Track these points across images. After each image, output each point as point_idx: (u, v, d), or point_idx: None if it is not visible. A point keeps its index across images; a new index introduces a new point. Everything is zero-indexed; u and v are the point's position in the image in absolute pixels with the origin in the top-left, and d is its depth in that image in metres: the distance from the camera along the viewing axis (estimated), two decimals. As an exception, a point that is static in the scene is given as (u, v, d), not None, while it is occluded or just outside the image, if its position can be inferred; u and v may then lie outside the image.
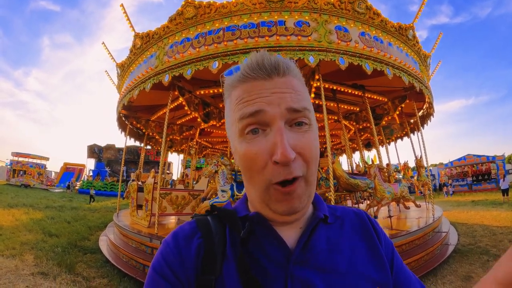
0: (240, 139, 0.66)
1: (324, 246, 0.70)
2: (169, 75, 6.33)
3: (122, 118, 10.50)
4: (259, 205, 0.69)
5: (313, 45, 5.68)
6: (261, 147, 0.62)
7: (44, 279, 5.39)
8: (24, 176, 37.18)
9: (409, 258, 5.50)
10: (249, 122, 0.63)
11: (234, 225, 0.70)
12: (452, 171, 32.64)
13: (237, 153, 0.68)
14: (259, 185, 0.64)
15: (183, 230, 0.72)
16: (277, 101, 0.62)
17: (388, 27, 6.75)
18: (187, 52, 6.12)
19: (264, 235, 0.69)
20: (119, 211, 10.40)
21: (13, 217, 11.86)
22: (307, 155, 0.63)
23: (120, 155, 40.62)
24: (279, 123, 0.62)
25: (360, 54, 6.05)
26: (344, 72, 6.99)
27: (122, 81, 9.00)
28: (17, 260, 6.27)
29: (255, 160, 0.62)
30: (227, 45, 5.74)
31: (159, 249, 0.70)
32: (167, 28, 6.62)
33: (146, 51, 7.33)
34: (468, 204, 17.99)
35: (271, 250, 0.67)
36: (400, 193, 7.22)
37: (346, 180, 6.70)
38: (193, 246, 0.68)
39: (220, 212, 0.75)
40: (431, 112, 10.46)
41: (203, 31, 6.08)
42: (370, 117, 7.83)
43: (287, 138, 0.60)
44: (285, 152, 0.58)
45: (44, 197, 22.96)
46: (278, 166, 0.60)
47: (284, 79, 0.66)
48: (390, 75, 6.47)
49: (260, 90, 0.64)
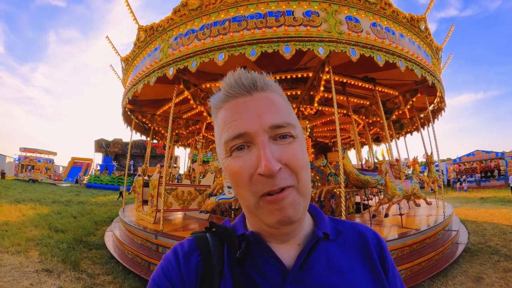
0: (227, 158, 0.66)
1: (324, 266, 0.69)
2: (174, 68, 6.19)
3: (127, 112, 10.42)
4: (254, 221, 0.71)
5: (323, 36, 5.46)
6: (246, 162, 0.63)
7: (49, 276, 5.33)
8: (32, 171, 37.43)
9: (420, 257, 5.39)
10: (235, 143, 0.64)
11: (232, 244, 0.71)
12: (460, 167, 32.35)
13: (226, 171, 0.69)
14: (249, 199, 0.65)
15: (183, 247, 0.73)
16: (258, 119, 0.63)
17: (400, 18, 6.53)
18: (192, 44, 5.95)
19: (260, 254, 0.69)
20: (125, 206, 10.34)
21: (20, 212, 11.85)
22: (293, 165, 0.63)
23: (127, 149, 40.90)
24: (262, 138, 0.62)
25: (372, 46, 5.81)
26: (354, 64, 6.77)
27: (127, 75, 8.89)
28: (22, 257, 6.22)
29: (241, 174, 0.63)
30: (233, 36, 5.55)
31: (159, 264, 0.72)
32: (171, 20, 6.47)
33: (150, 44, 7.20)
34: (477, 201, 17.81)
35: (268, 270, 0.67)
36: (412, 190, 6.99)
37: (356, 176, 6.50)
38: (191, 263, 0.69)
39: (218, 230, 0.76)
40: (442, 107, 10.24)
41: (208, 23, 5.91)
42: (381, 111, 7.58)
43: (271, 151, 0.61)
44: (268, 164, 0.59)
45: (52, 192, 23.03)
46: (263, 178, 0.61)
47: (263, 94, 0.67)
48: (402, 67, 6.24)
49: (242, 109, 0.65)
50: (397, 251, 5.27)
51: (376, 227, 6.66)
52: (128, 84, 8.53)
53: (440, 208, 8.85)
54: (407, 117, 11.84)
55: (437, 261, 5.78)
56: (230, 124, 0.65)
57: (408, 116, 11.71)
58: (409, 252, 5.48)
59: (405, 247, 5.44)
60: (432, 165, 10.33)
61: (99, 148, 41.96)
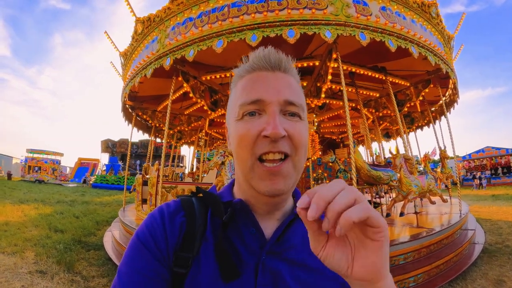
0: (237, 121, 0.70)
1: (299, 241, 0.74)
2: (171, 58, 5.88)
3: (127, 109, 10.20)
4: (244, 185, 0.74)
5: (330, 19, 5.09)
6: (254, 125, 0.67)
7: (42, 278, 5.14)
8: (39, 172, 37.60)
9: (438, 260, 5.00)
10: (249, 108, 0.69)
11: (217, 209, 0.75)
12: (470, 163, 31.91)
13: (232, 134, 0.73)
14: (246, 161, 0.68)
15: (169, 207, 0.76)
16: (276, 92, 0.68)
17: (410, 2, 6.20)
18: (190, 33, 5.64)
19: (244, 222, 0.74)
20: (125, 206, 10.08)
21: (22, 213, 11.68)
22: (296, 139, 0.67)
23: (134, 149, 41.13)
24: (274, 108, 0.67)
25: (382, 30, 5.45)
26: (363, 53, 6.39)
27: (126, 70, 8.67)
28: (17, 257, 6.05)
29: (246, 136, 0.67)
30: (232, 22, 5.22)
31: (144, 221, 0.74)
32: (168, 10, 6.20)
33: (148, 36, 6.94)
34: (488, 199, 17.51)
35: (248, 238, 0.72)
36: (427, 187, 6.56)
37: (368, 172, 6.10)
38: (176, 223, 0.72)
39: (204, 195, 0.79)
40: (455, 99, 9.83)
41: (207, 9, 5.59)
42: (393, 103, 7.13)
43: (280, 120, 0.66)
44: (275, 128, 0.63)
45: (57, 192, 22.96)
46: (266, 140, 0.65)
47: (284, 75, 0.73)
48: (415, 53, 5.88)
49: (263, 81, 0.70)
50: (413, 253, 4.84)
51: (389, 227, 6.25)
52: (127, 79, 8.23)
53: (454, 206, 8.50)
54: (418, 111, 11.41)
55: (455, 263, 5.42)
56: (249, 90, 0.70)
57: (419, 110, 11.29)
58: (426, 254, 5.07)
59: (422, 248, 5.02)
60: (446, 160, 9.94)
61: (105, 149, 42.20)
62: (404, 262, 4.64)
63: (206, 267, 0.67)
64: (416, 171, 7.39)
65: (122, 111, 10.25)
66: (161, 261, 0.67)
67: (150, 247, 0.67)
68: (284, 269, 0.69)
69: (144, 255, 0.67)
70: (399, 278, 4.32)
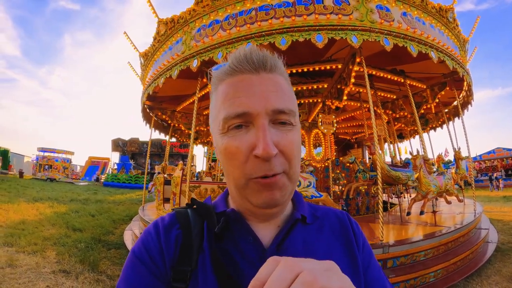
0: (223, 135, 0.65)
1: (300, 248, 0.70)
2: (198, 60, 6.01)
3: (146, 109, 10.33)
4: (239, 198, 0.70)
5: (356, 24, 5.23)
6: (243, 142, 0.62)
7: (66, 277, 5.06)
8: (50, 170, 37.94)
9: (455, 257, 5.18)
10: (234, 122, 0.63)
11: (211, 220, 0.72)
12: (481, 164, 31.64)
13: (218, 147, 0.68)
14: (239, 180, 0.65)
15: (163, 221, 0.74)
16: (263, 101, 0.62)
17: (429, 8, 6.35)
18: (217, 35, 5.77)
19: (239, 232, 0.70)
20: (144, 204, 10.23)
21: (37, 211, 11.70)
22: (288, 153, 0.64)
23: (144, 148, 41.44)
24: (263, 120, 0.62)
25: (405, 35, 5.60)
26: (382, 56, 6.50)
27: (146, 71, 8.77)
28: (39, 257, 5.93)
29: (236, 154, 0.63)
30: (261, 26, 5.35)
31: (139, 237, 0.72)
32: (193, 12, 6.30)
33: (171, 37, 7.04)
34: (500, 200, 17.43)
35: (245, 247, 0.68)
36: (445, 186, 6.69)
37: (387, 173, 6.23)
38: (171, 236, 0.70)
39: (198, 207, 0.77)
40: (469, 101, 9.90)
41: (233, 12, 5.72)
42: (411, 105, 7.25)
43: (270, 135, 0.61)
44: (266, 147, 0.59)
45: (69, 190, 23.11)
46: (258, 161, 0.61)
47: (271, 75, 0.66)
48: (435, 58, 6.03)
49: (247, 87, 0.64)
50: (433, 250, 5.03)
51: (408, 225, 6.45)
52: (147, 80, 8.39)
53: (468, 206, 8.63)
54: (432, 112, 11.50)
55: (471, 260, 5.59)
56: (232, 101, 0.64)
57: (433, 111, 11.38)
58: (444, 251, 5.27)
59: (440, 245, 5.21)
60: (460, 161, 10.02)
61: (116, 148, 42.40)
62: (424, 259, 4.85)
63: (204, 280, 0.64)
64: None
65: (141, 112, 10.39)
66: (157, 276, 0.66)
67: (146, 262, 0.66)
68: None
69: (140, 271, 0.66)
70: (421, 273, 4.51)
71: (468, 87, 8.58)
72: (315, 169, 7.31)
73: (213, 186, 7.86)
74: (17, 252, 6.25)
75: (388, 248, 4.50)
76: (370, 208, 8.48)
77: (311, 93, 9.07)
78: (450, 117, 11.13)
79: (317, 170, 8.20)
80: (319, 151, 9.49)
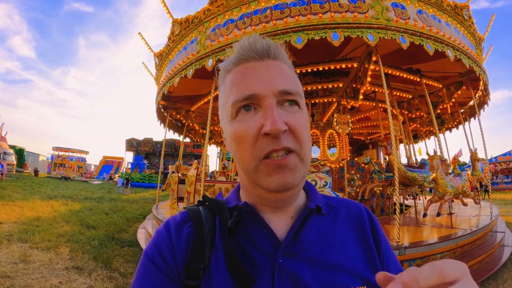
0: (232, 121, 0.66)
1: (315, 238, 0.69)
2: (213, 59, 6.04)
3: (161, 109, 10.40)
4: (250, 186, 0.70)
5: (371, 22, 5.19)
6: (251, 124, 0.63)
7: (79, 274, 5.08)
8: (64, 169, 38.54)
9: (472, 260, 5.05)
10: (241, 105, 0.64)
11: (223, 215, 0.71)
12: (496, 167, 30.96)
13: (228, 135, 0.69)
14: (249, 164, 0.64)
15: (175, 220, 0.74)
16: (269, 83, 0.64)
17: (444, 5, 6.27)
18: (232, 34, 5.81)
19: (253, 224, 0.70)
20: (158, 203, 10.29)
21: (52, 208, 11.91)
22: (298, 131, 0.63)
23: (158, 148, 41.76)
24: (271, 100, 0.63)
25: (421, 33, 5.53)
26: (396, 55, 6.41)
27: (161, 71, 8.84)
28: (52, 253, 6.02)
29: (245, 136, 0.63)
30: (276, 24, 5.36)
31: (152, 238, 0.72)
32: (208, 11, 6.34)
33: (186, 37, 7.08)
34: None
35: (260, 240, 0.68)
36: (461, 188, 6.57)
37: (404, 174, 6.14)
38: (183, 234, 0.70)
39: (210, 203, 0.76)
40: (485, 100, 9.67)
41: (248, 11, 5.74)
42: (428, 105, 7.14)
43: (277, 113, 0.61)
44: (275, 123, 0.59)
45: (84, 189, 23.52)
46: (267, 138, 0.61)
47: (275, 62, 0.68)
48: (451, 57, 5.95)
49: (252, 72, 0.66)
50: (449, 253, 4.96)
51: (424, 227, 6.35)
52: (162, 80, 8.45)
53: (483, 208, 8.46)
54: (448, 112, 11.28)
55: (487, 263, 5.47)
56: (239, 86, 0.65)
57: (449, 112, 11.18)
58: (460, 253, 5.18)
59: (457, 248, 5.14)
60: (476, 163, 9.83)
61: (130, 147, 42.85)
62: (441, 261, 4.75)
63: (217, 276, 0.64)
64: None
65: (156, 112, 10.47)
66: (170, 276, 0.65)
67: (158, 263, 0.66)
68: (304, 270, 0.64)
69: (152, 272, 0.66)
70: (437, 276, 4.42)
71: (485, 87, 8.42)
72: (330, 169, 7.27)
73: (227, 185, 7.86)
74: (30, 248, 6.35)
75: (404, 250, 4.44)
76: (384, 210, 8.37)
77: (325, 92, 9.00)
78: (466, 117, 10.93)
79: (332, 171, 8.14)
80: (333, 151, 9.42)
